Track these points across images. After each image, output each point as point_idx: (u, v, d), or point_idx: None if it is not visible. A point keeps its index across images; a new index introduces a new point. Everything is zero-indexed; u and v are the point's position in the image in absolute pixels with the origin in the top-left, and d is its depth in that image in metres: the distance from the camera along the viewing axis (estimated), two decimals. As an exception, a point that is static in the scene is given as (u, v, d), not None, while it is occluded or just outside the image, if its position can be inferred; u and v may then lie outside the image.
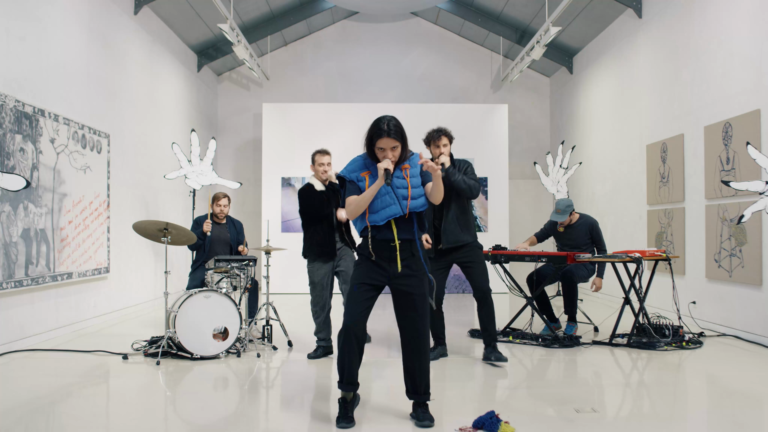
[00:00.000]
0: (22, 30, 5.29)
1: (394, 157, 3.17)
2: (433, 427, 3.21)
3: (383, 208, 3.19)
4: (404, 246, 3.24)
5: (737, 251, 5.80)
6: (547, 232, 6.31)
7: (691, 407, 3.86)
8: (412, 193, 3.21)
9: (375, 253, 3.23)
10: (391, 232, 3.21)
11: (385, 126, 3.15)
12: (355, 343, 3.17)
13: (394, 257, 3.23)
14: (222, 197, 6.15)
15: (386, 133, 3.14)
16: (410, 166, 3.27)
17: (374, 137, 3.19)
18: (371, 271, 3.26)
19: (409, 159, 3.29)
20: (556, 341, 5.41)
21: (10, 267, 5.01)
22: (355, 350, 3.19)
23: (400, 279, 3.25)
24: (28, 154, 5.26)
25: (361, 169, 3.27)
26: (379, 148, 3.18)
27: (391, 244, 3.22)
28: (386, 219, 3.19)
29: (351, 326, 3.15)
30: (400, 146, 3.19)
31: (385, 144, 3.16)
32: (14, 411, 3.60)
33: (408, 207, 3.20)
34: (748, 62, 5.71)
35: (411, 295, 3.24)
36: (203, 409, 3.69)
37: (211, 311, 4.85)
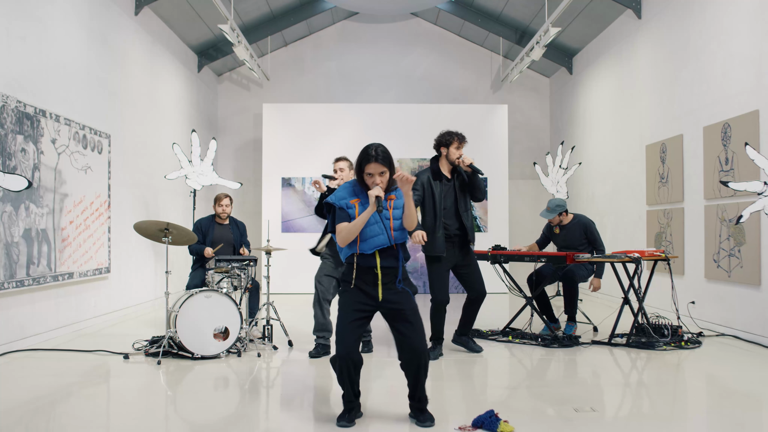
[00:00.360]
0: (22, 30, 5.31)
1: (382, 183, 3.26)
2: (434, 426, 3.23)
3: (372, 237, 3.25)
4: (387, 272, 3.30)
5: (736, 251, 5.82)
6: (546, 237, 6.33)
7: (689, 407, 3.87)
8: (395, 225, 3.30)
9: (359, 279, 3.28)
10: (374, 260, 3.27)
11: (373, 152, 3.27)
12: (352, 369, 3.21)
13: (377, 283, 3.28)
14: (224, 197, 6.17)
15: (374, 159, 3.25)
16: (395, 197, 3.35)
17: (363, 163, 3.29)
18: (357, 297, 3.30)
19: (395, 190, 3.37)
20: (556, 341, 5.43)
21: (11, 267, 5.02)
22: (355, 374, 3.23)
23: (387, 300, 3.30)
24: (30, 155, 5.28)
25: (351, 196, 3.33)
26: (367, 174, 3.28)
27: (374, 271, 3.27)
28: (374, 248, 3.26)
29: (345, 356, 3.18)
30: (388, 172, 3.29)
31: (373, 169, 3.25)
32: (15, 410, 3.62)
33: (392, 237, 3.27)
34: (748, 63, 5.73)
35: (402, 311, 3.28)
36: (204, 408, 3.70)
37: (211, 311, 4.87)
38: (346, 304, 3.31)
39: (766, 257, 5.43)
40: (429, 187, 4.94)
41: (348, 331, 3.23)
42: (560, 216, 6.08)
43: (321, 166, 10.24)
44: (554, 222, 6.14)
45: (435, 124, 10.49)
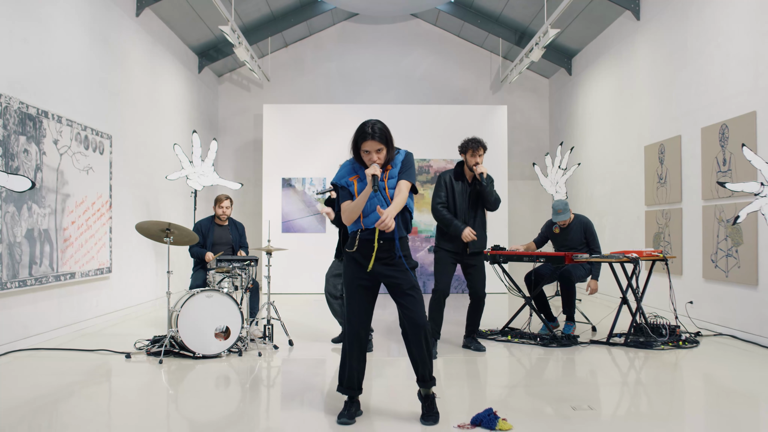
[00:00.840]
0: (25, 31, 5.34)
1: (380, 160, 3.23)
2: (436, 425, 3.26)
3: (372, 211, 3.27)
4: (384, 246, 3.29)
5: (733, 252, 5.85)
6: (544, 236, 6.37)
7: (686, 406, 3.91)
8: (390, 194, 3.28)
9: (357, 251, 3.29)
10: (373, 233, 3.27)
11: (369, 129, 3.23)
12: (359, 348, 3.25)
13: (371, 256, 3.28)
14: (224, 199, 6.21)
15: (370, 136, 3.21)
16: (391, 166, 3.33)
17: (359, 140, 3.26)
18: (354, 270, 3.33)
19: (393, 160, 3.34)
20: (554, 340, 5.47)
21: (14, 267, 5.06)
22: (361, 356, 3.27)
23: (385, 275, 3.31)
24: (32, 156, 5.32)
25: (350, 173, 3.34)
26: (364, 151, 3.25)
27: (372, 243, 3.28)
28: (371, 225, 3.27)
29: (358, 332, 3.22)
30: (386, 149, 3.25)
31: (370, 147, 3.22)
32: (18, 409, 3.66)
33: None
34: (745, 64, 5.77)
35: (400, 285, 3.30)
36: (205, 407, 3.74)
37: (213, 311, 4.91)
38: (350, 280, 3.33)
39: (763, 257, 5.47)
40: (450, 185, 5.23)
41: (357, 310, 3.26)
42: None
43: (321, 166, 10.29)
44: (565, 223, 6.13)
45: (435, 124, 10.56)
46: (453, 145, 10.51)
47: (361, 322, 3.24)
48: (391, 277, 3.31)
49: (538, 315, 5.86)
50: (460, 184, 5.22)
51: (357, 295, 3.29)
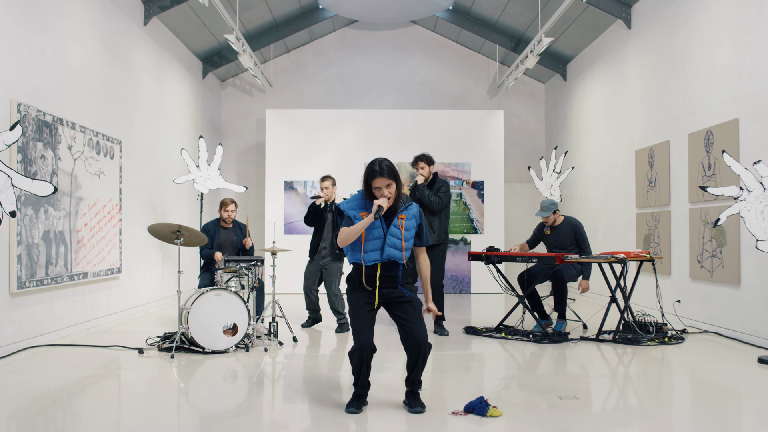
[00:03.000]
0: (41, 42, 5.61)
1: (390, 194, 3.53)
2: (424, 413, 3.53)
3: (371, 251, 3.55)
4: (385, 281, 3.58)
5: (718, 252, 6.12)
6: (536, 237, 6.64)
7: (669, 396, 4.17)
8: (406, 245, 3.57)
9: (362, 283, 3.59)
10: (376, 269, 3.56)
11: (377, 167, 3.54)
12: (367, 360, 3.53)
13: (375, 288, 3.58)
14: (230, 203, 6.47)
15: (379, 174, 3.52)
16: (406, 217, 3.61)
17: (369, 178, 3.56)
18: (362, 295, 3.62)
19: (407, 209, 3.62)
20: (546, 337, 5.73)
21: (32, 267, 5.32)
22: (368, 366, 3.55)
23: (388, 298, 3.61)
24: (48, 161, 5.58)
25: (360, 209, 3.61)
26: (375, 188, 3.55)
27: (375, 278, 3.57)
28: (372, 262, 3.55)
29: (363, 347, 3.49)
30: (395, 184, 3.55)
31: (380, 183, 3.53)
32: (42, 399, 3.92)
33: (403, 257, 3.56)
34: (729, 73, 6.04)
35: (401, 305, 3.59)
36: (214, 399, 3.99)
37: (221, 308, 5.17)
38: (354, 301, 3.62)
39: (744, 258, 5.74)
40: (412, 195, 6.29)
41: (362, 324, 3.53)
42: (554, 214, 6.39)
43: (322, 169, 10.54)
44: (548, 222, 6.44)
45: (433, 129, 10.83)
46: (451, 149, 10.87)
47: (367, 338, 3.52)
48: (393, 301, 3.61)
49: (531, 313, 6.12)
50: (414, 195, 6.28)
51: (362, 315, 3.57)
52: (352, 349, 3.56)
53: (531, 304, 6.30)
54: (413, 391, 3.61)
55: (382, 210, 3.44)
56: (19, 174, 4.01)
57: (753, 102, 5.65)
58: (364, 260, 3.55)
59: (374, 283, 3.57)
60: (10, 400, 3.85)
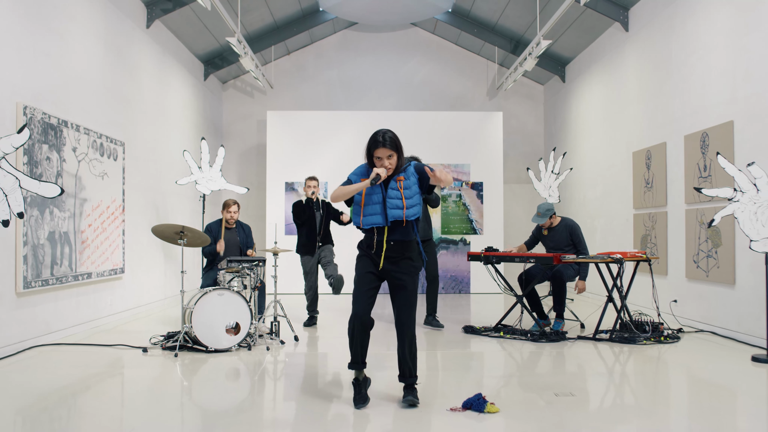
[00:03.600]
0: (46, 46, 5.70)
1: (390, 165, 3.61)
2: (417, 407, 3.63)
3: (369, 215, 3.65)
4: (396, 247, 3.66)
5: (713, 253, 6.21)
6: (535, 238, 6.72)
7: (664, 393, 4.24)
8: (407, 203, 3.62)
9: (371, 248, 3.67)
10: (383, 234, 3.64)
11: (381, 138, 3.62)
12: (363, 330, 3.62)
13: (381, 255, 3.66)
14: (232, 204, 6.56)
15: (381, 144, 3.60)
16: (404, 178, 3.68)
17: (371, 148, 3.65)
18: (367, 264, 3.71)
19: (404, 171, 3.70)
20: (544, 336, 5.81)
21: (37, 267, 5.41)
22: (364, 335, 3.64)
23: (392, 274, 3.68)
24: (53, 163, 5.67)
25: (363, 174, 3.73)
26: (376, 158, 3.63)
27: (382, 243, 3.65)
28: (369, 226, 3.65)
29: (360, 315, 3.59)
30: (396, 155, 3.63)
31: (381, 153, 3.61)
32: (50, 396, 4.01)
33: (404, 215, 3.62)
34: (724, 76, 6.12)
35: (401, 287, 3.68)
36: (218, 397, 4.07)
37: (224, 308, 5.26)
38: (359, 270, 3.71)
39: (739, 258, 5.82)
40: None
41: (361, 294, 3.63)
42: (551, 219, 6.48)
43: (323, 171, 10.64)
44: (545, 224, 6.53)
45: (433, 130, 10.92)
46: (450, 151, 10.96)
47: (365, 307, 3.61)
48: (396, 277, 3.68)
49: (529, 313, 6.21)
50: None
51: (364, 283, 3.66)
52: (350, 318, 3.66)
53: (530, 304, 6.38)
54: (409, 384, 3.70)
55: (379, 178, 3.52)
56: (26, 176, 4.09)
57: (748, 104, 5.74)
58: (363, 223, 3.65)
59: (381, 249, 3.63)
60: (17, 398, 3.94)
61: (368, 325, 3.64)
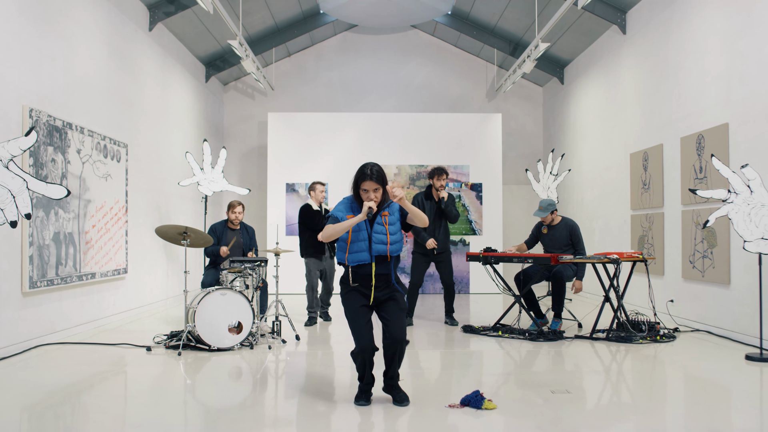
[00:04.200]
0: (52, 50, 5.78)
1: (376, 198, 3.72)
2: (409, 405, 3.74)
3: (354, 252, 3.74)
4: (380, 279, 3.77)
5: (709, 253, 6.29)
6: (534, 236, 6.81)
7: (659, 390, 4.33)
8: (391, 239, 3.74)
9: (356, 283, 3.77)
10: (371, 268, 3.74)
11: (368, 171, 3.73)
12: (370, 360, 3.73)
13: (371, 287, 3.76)
14: (237, 205, 6.65)
15: (369, 177, 3.71)
16: (389, 213, 3.79)
17: (359, 180, 3.75)
18: (357, 297, 3.79)
19: (389, 206, 3.81)
20: (541, 335, 5.90)
21: (43, 267, 5.49)
22: (371, 364, 3.75)
23: (381, 304, 3.81)
24: (58, 164, 5.75)
25: (347, 211, 3.81)
26: (363, 190, 3.74)
27: (370, 277, 3.75)
28: (356, 263, 3.74)
29: (366, 349, 3.69)
30: (381, 189, 3.74)
31: (368, 186, 3.71)
32: (57, 393, 4.09)
33: (388, 251, 3.73)
34: (719, 79, 6.21)
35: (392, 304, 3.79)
36: (220, 395, 4.16)
37: (227, 307, 5.34)
38: (350, 303, 3.79)
39: (734, 259, 5.91)
40: (422, 203, 6.83)
41: (361, 327, 3.72)
42: (552, 214, 6.57)
43: (323, 172, 10.73)
44: (546, 221, 6.61)
45: (432, 131, 11.01)
46: (450, 152, 11.04)
47: (369, 340, 3.71)
48: (386, 301, 3.79)
49: (527, 312, 6.29)
50: (429, 203, 6.84)
51: (360, 317, 3.76)
52: (354, 351, 3.74)
53: (527, 303, 6.47)
54: (393, 384, 3.81)
55: (372, 211, 3.62)
56: (34, 178, 4.18)
57: (742, 107, 5.82)
58: (349, 261, 3.73)
59: (370, 282, 3.73)
60: (24, 395, 4.02)
61: (373, 354, 3.73)
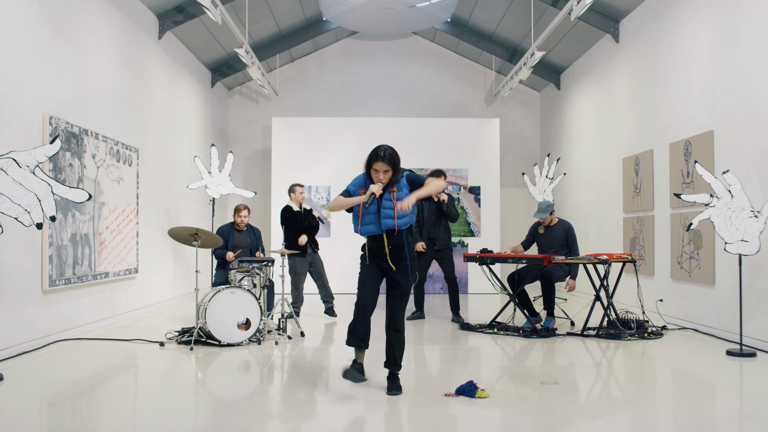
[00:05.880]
0: (69, 60, 6.08)
1: (385, 179, 3.98)
2: (401, 395, 4.03)
3: (365, 224, 4.04)
4: (394, 251, 4.05)
5: (695, 254, 6.58)
6: (531, 236, 7.11)
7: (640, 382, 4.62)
8: (398, 213, 3.99)
9: (373, 255, 4.07)
10: (383, 241, 4.03)
11: (381, 152, 3.98)
12: (365, 313, 4.02)
13: (386, 258, 4.05)
14: (243, 209, 6.95)
15: (381, 158, 3.96)
16: (397, 189, 4.04)
17: (371, 160, 4.01)
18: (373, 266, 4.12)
19: (398, 182, 4.06)
20: (535, 333, 6.19)
21: (61, 266, 5.79)
22: (366, 317, 4.04)
23: (391, 273, 4.10)
24: (75, 169, 6.05)
25: (360, 186, 4.10)
26: (374, 170, 3.99)
27: (383, 250, 4.04)
28: (366, 234, 4.05)
29: (363, 299, 4.01)
30: (392, 171, 3.99)
31: (379, 167, 3.97)
32: (78, 384, 4.39)
33: (395, 225, 3.99)
34: (705, 88, 6.50)
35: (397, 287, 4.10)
36: (230, 387, 4.43)
37: (236, 305, 5.64)
38: (363, 265, 4.12)
39: (719, 260, 6.19)
40: (421, 204, 7.21)
41: (365, 281, 4.05)
42: (550, 215, 6.87)
43: (325, 175, 11.04)
44: (545, 222, 6.92)
45: (432, 136, 11.31)
46: (449, 156, 11.34)
47: (368, 293, 4.01)
48: (393, 277, 4.08)
49: (522, 311, 6.58)
50: (428, 203, 7.28)
51: (370, 272, 4.07)
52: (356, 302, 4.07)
53: (520, 302, 6.76)
54: (393, 373, 4.10)
55: (373, 197, 3.89)
56: (57, 183, 4.47)
57: (726, 115, 6.11)
58: (361, 232, 4.06)
59: (383, 253, 4.01)
60: (45, 387, 4.30)
61: (370, 309, 4.03)
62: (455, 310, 7.31)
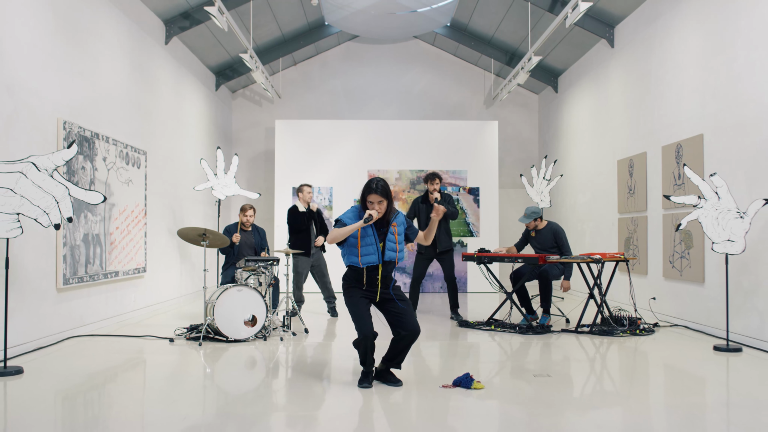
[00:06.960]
0: (81, 66, 6.31)
1: (380, 209, 4.24)
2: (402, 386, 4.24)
3: (366, 255, 4.24)
4: (384, 281, 4.29)
5: (686, 254, 6.80)
6: (525, 239, 7.34)
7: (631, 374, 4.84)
8: (399, 247, 4.30)
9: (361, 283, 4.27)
10: (377, 271, 4.26)
11: (374, 185, 4.26)
12: (371, 345, 4.21)
13: (377, 288, 4.27)
14: (248, 209, 7.17)
15: (374, 191, 4.24)
16: (397, 224, 4.32)
17: (366, 193, 4.29)
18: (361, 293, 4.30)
19: (396, 217, 4.34)
20: (530, 329, 6.41)
21: (74, 266, 6.02)
22: (372, 349, 4.24)
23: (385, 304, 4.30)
24: (87, 171, 6.28)
25: (355, 218, 4.32)
26: (369, 201, 4.27)
27: (376, 279, 4.26)
28: (366, 265, 4.24)
29: (368, 336, 4.19)
30: (386, 202, 4.26)
31: (373, 198, 4.25)
32: (94, 377, 4.61)
33: (397, 258, 4.29)
34: (695, 93, 6.72)
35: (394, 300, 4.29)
36: (237, 381, 4.64)
37: (242, 302, 5.86)
38: (353, 295, 4.30)
39: (708, 259, 6.41)
40: (418, 206, 7.60)
41: (363, 315, 4.23)
42: (535, 221, 7.08)
43: (327, 176, 11.26)
44: (530, 226, 7.15)
45: (432, 138, 11.54)
46: (449, 157, 11.57)
47: (369, 327, 4.20)
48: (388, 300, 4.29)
49: (518, 308, 6.80)
50: (425, 206, 7.54)
51: (362, 308, 4.26)
52: (357, 340, 4.25)
53: (520, 300, 6.99)
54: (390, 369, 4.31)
55: (371, 219, 4.12)
56: (74, 185, 4.69)
57: (715, 120, 6.33)
58: (362, 263, 4.24)
59: (376, 282, 4.24)
60: (61, 381, 4.52)
61: (374, 340, 4.22)
62: (454, 308, 7.53)
